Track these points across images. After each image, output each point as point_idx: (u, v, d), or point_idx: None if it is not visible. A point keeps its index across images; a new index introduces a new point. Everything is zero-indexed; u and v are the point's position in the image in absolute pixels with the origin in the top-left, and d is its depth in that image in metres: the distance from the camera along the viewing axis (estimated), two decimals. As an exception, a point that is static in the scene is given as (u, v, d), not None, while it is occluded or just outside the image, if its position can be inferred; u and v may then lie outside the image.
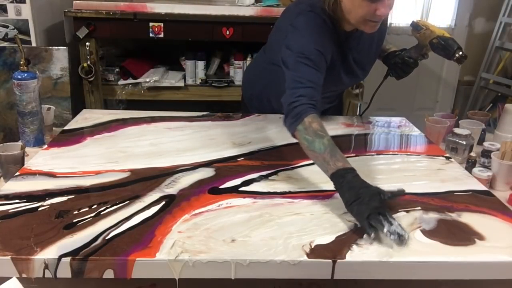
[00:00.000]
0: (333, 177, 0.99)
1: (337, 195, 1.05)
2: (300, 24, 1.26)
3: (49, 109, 1.45)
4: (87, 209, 0.95)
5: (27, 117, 1.31)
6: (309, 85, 1.15)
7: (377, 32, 1.28)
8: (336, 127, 1.51)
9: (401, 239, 0.85)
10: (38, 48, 2.15)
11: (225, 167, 1.18)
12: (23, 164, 1.15)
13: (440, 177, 1.18)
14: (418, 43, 1.40)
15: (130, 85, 2.43)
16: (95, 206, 0.96)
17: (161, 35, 2.30)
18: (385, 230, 0.86)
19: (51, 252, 0.80)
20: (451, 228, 0.94)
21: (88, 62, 2.28)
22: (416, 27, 1.38)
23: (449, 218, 0.98)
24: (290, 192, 1.06)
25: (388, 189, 0.95)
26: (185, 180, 1.09)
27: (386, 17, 1.21)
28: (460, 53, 1.29)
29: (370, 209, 0.89)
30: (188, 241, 0.85)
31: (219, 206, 0.99)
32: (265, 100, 1.59)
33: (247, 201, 1.01)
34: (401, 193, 0.98)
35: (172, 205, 0.98)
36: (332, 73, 1.32)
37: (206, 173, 1.14)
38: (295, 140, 1.36)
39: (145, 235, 0.87)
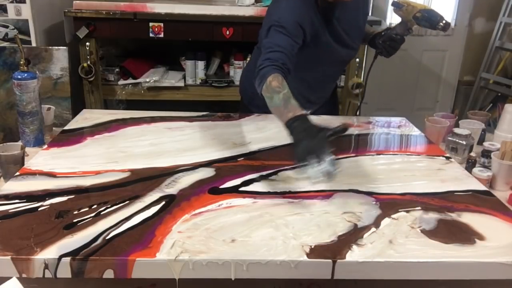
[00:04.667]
0: (286, 126, 1.04)
1: (337, 195, 1.06)
2: None
3: (49, 109, 1.45)
4: (87, 209, 0.95)
5: (27, 117, 1.31)
6: (278, 49, 1.23)
7: (362, 6, 1.46)
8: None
9: (328, 176, 0.92)
10: (38, 48, 2.14)
11: (225, 167, 1.18)
12: (23, 164, 1.15)
13: (440, 177, 1.18)
14: (402, 20, 1.47)
15: (130, 85, 2.43)
16: (95, 206, 0.96)
17: (161, 35, 2.30)
18: (314, 169, 0.92)
19: (51, 252, 0.80)
20: (451, 228, 0.94)
21: (88, 62, 2.28)
22: (397, 5, 1.45)
23: (449, 218, 0.98)
24: (290, 192, 1.06)
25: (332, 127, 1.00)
26: (185, 180, 1.09)
27: None
28: (444, 21, 1.35)
29: (305, 150, 0.95)
30: (188, 241, 0.85)
31: (219, 206, 0.99)
32: None
33: (247, 201, 1.01)
34: (341, 130, 1.00)
35: (172, 205, 0.98)
36: (320, 41, 1.38)
37: (206, 173, 1.14)
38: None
39: (145, 235, 0.87)
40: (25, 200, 0.97)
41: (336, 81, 1.73)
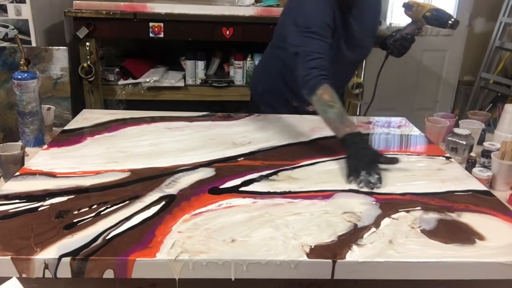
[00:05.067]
0: (342, 140, 1.19)
1: (337, 195, 1.06)
2: None
3: (49, 109, 1.45)
4: (87, 209, 0.95)
5: (27, 117, 1.31)
6: (317, 56, 1.28)
7: (372, 5, 1.50)
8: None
9: (372, 187, 1.09)
10: (38, 48, 2.14)
11: (225, 167, 1.18)
12: (23, 164, 1.15)
13: (440, 177, 1.18)
14: (412, 20, 1.51)
15: (130, 85, 2.43)
16: (95, 206, 0.96)
17: (161, 35, 2.30)
18: (360, 178, 1.10)
19: (51, 252, 0.80)
20: (451, 228, 0.94)
21: (88, 62, 2.28)
22: (408, 6, 1.51)
23: (449, 218, 0.98)
24: (290, 192, 1.06)
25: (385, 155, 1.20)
26: (185, 180, 1.09)
27: None
28: (453, 19, 1.40)
29: (360, 163, 1.13)
30: (188, 241, 0.85)
31: (219, 206, 0.99)
32: (281, 88, 1.61)
33: (247, 201, 1.01)
34: (394, 161, 1.18)
35: (172, 205, 0.98)
36: (334, 38, 1.38)
37: (206, 173, 1.14)
38: (295, 140, 1.38)
39: (145, 235, 0.87)
40: (25, 200, 0.97)
41: (345, 83, 1.74)
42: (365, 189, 1.09)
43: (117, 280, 0.84)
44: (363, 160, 1.14)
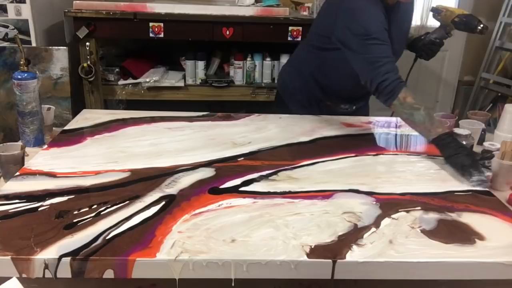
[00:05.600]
0: (435, 140, 1.23)
1: (337, 195, 1.06)
2: (354, 2, 1.37)
3: (49, 109, 1.45)
4: (87, 209, 0.95)
5: (27, 117, 1.31)
6: (387, 61, 1.31)
7: (408, 12, 1.50)
8: (336, 127, 1.51)
9: (481, 185, 1.12)
10: (38, 48, 2.15)
11: (225, 167, 1.18)
12: (23, 164, 1.15)
13: (440, 177, 1.18)
14: (441, 24, 1.54)
15: (130, 85, 2.43)
16: (95, 206, 0.96)
17: (161, 35, 2.30)
18: (474, 178, 1.13)
19: (51, 252, 0.80)
20: (451, 228, 0.94)
21: (88, 62, 2.28)
22: (436, 10, 1.53)
23: (449, 218, 0.98)
24: (290, 192, 1.06)
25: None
26: (185, 180, 1.09)
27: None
28: (482, 25, 1.43)
29: (465, 162, 1.15)
30: (188, 241, 0.85)
31: (219, 206, 0.99)
32: (313, 88, 1.62)
33: (247, 201, 1.01)
34: (491, 156, 1.20)
35: (172, 205, 0.98)
36: None
37: (206, 173, 1.14)
38: (295, 140, 1.38)
39: (145, 235, 0.87)
40: (25, 200, 0.97)
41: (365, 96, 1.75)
42: (478, 187, 1.12)
43: (117, 280, 0.84)
44: (466, 159, 1.16)
